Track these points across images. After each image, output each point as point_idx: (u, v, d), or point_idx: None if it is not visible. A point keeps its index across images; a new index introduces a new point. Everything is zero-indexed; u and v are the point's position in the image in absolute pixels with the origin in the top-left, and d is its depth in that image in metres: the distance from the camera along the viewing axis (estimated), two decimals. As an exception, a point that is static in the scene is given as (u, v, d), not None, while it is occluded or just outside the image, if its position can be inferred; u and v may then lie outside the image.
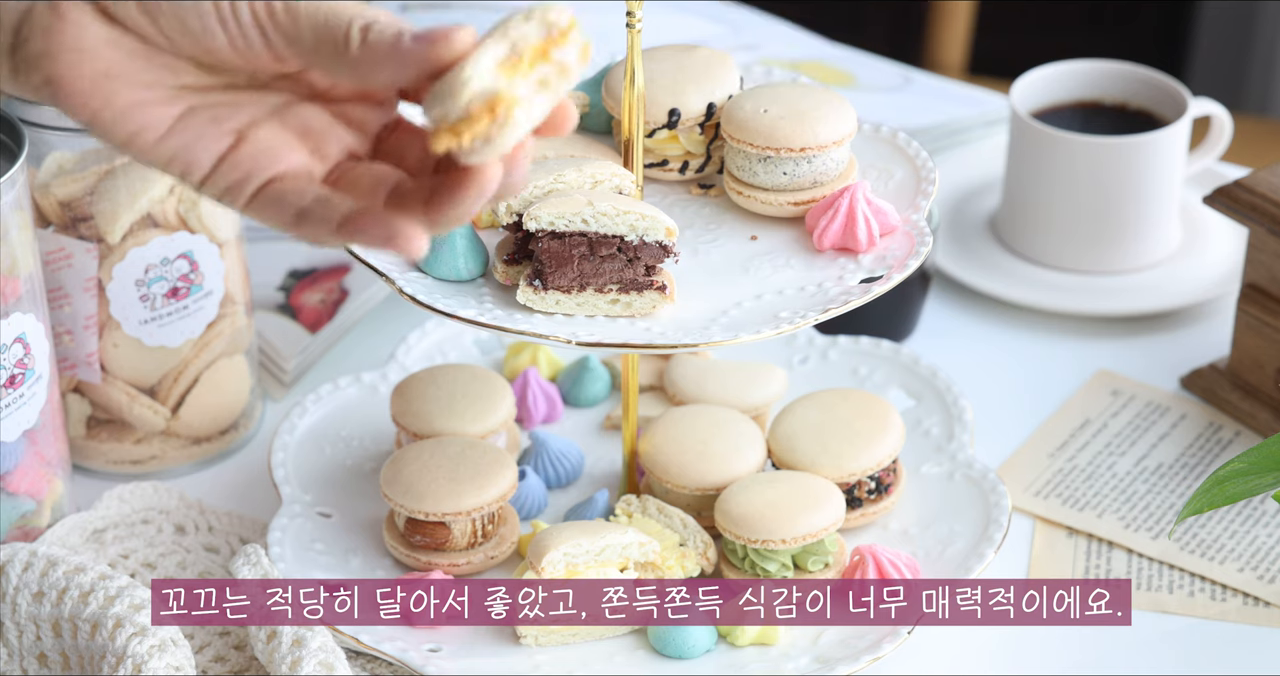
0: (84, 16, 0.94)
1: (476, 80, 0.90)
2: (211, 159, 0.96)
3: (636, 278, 1.16)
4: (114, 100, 0.94)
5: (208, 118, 0.96)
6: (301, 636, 1.18)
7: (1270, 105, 2.58)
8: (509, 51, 0.91)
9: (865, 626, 1.22)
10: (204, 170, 0.96)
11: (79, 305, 1.32)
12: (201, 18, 0.94)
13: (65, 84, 0.94)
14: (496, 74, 0.90)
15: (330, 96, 0.98)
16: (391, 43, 0.93)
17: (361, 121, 0.99)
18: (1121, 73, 1.55)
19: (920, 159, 1.25)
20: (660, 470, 1.28)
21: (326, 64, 0.94)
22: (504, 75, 0.91)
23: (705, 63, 1.24)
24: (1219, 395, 1.42)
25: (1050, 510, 1.35)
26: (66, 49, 0.94)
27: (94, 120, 0.95)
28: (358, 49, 0.93)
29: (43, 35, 0.94)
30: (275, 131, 0.97)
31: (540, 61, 0.92)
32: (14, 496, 1.28)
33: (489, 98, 0.90)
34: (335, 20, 0.93)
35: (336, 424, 1.38)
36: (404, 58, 0.92)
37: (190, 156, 0.95)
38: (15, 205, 1.21)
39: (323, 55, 0.94)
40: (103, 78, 0.94)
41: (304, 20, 0.94)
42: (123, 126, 0.95)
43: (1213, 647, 1.25)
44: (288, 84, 0.98)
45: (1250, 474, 1.17)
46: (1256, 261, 1.39)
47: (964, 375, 1.44)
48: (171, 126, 0.95)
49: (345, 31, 0.93)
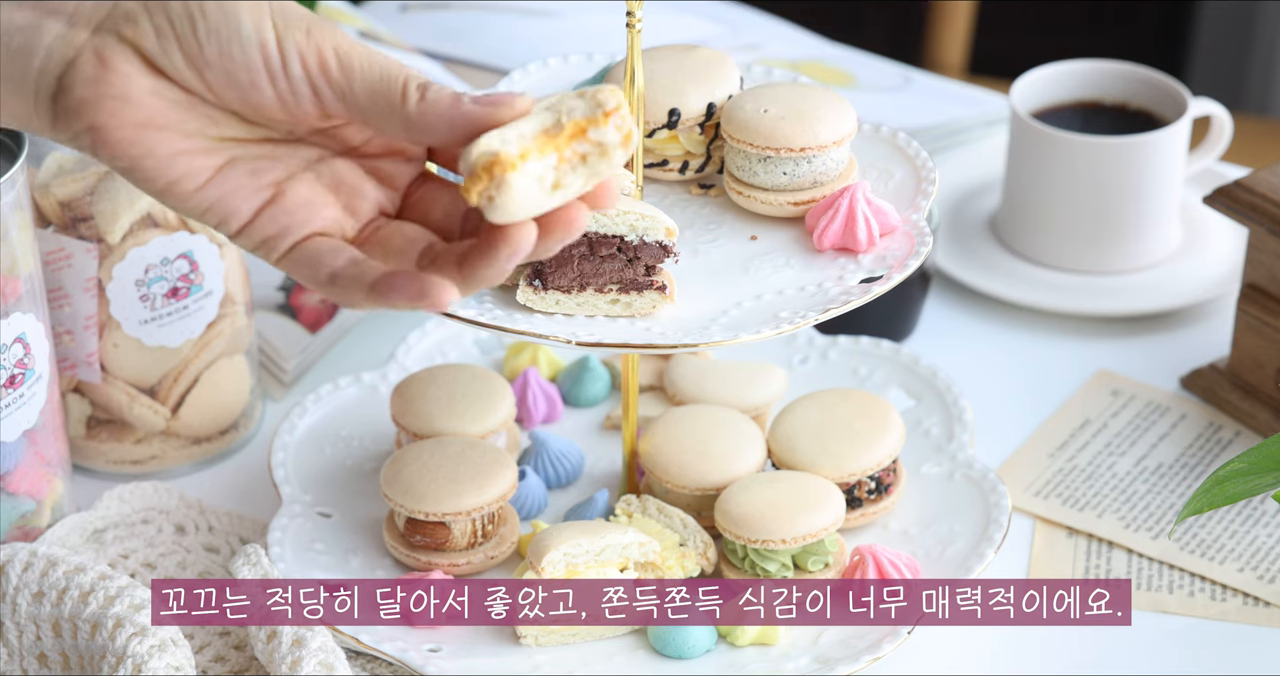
0: (130, 66, 0.95)
1: (485, 141, 0.94)
2: (250, 211, 0.97)
3: (636, 278, 1.16)
4: (156, 149, 0.95)
5: (247, 170, 0.97)
6: (301, 636, 1.18)
7: (1270, 105, 2.58)
8: (553, 122, 0.95)
9: (865, 626, 1.22)
10: (242, 221, 0.97)
11: (79, 305, 1.32)
12: (250, 72, 0.94)
13: (108, 132, 0.95)
14: (518, 141, 0.94)
15: (362, 151, 1.00)
16: (450, 103, 0.94)
17: (391, 176, 1.00)
18: (1121, 73, 1.55)
19: (920, 159, 1.25)
20: (660, 470, 1.28)
21: (378, 120, 0.95)
22: (540, 143, 0.95)
23: (705, 63, 1.24)
24: (1219, 395, 1.42)
25: (1050, 510, 1.35)
26: (111, 98, 0.94)
27: (134, 168, 0.95)
28: (415, 107, 0.94)
29: (87, 84, 0.94)
30: (311, 186, 0.98)
31: (580, 138, 0.95)
32: (14, 496, 1.28)
33: (488, 159, 0.93)
34: (390, 77, 0.95)
35: (336, 424, 1.38)
36: (463, 118, 0.94)
37: (229, 207, 0.97)
38: (15, 205, 1.21)
39: (376, 111, 0.95)
40: (145, 127, 0.95)
41: (358, 76, 0.95)
42: (163, 175, 0.96)
43: (1213, 647, 1.25)
44: (322, 138, 0.99)
45: (1250, 474, 1.17)
46: (1256, 261, 1.39)
47: (964, 375, 1.44)
48: (211, 177, 0.96)
49: (403, 89, 0.94)
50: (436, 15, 1.76)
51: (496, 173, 0.93)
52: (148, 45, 0.94)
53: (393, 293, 0.95)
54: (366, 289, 0.95)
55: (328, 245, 0.97)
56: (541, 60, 1.33)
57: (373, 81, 0.95)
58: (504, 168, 0.93)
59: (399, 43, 1.66)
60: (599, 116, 0.95)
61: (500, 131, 0.94)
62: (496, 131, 0.94)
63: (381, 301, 0.95)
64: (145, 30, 0.94)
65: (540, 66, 1.32)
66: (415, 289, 0.94)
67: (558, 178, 0.95)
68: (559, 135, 0.95)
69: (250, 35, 0.94)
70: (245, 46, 0.94)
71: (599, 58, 1.32)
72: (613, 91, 0.96)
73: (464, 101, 0.95)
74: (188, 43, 0.94)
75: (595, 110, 0.96)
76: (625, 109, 0.96)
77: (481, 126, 0.95)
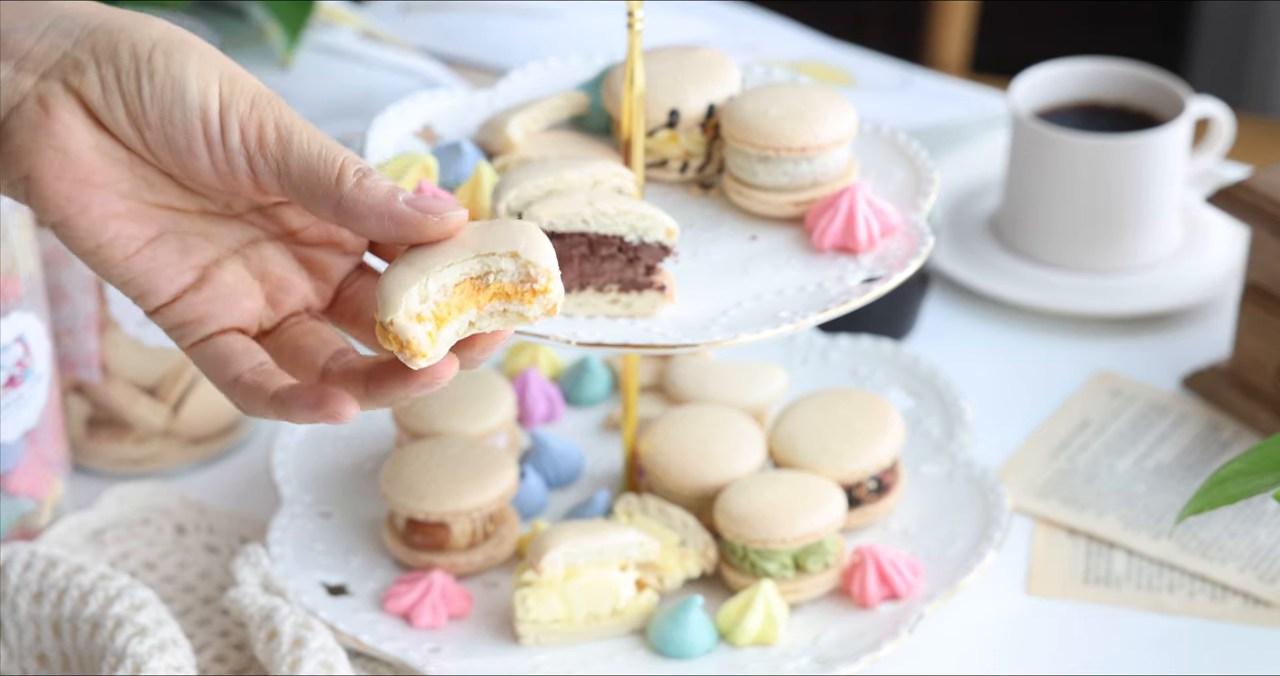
0: (73, 118, 0.92)
1: (402, 314, 0.91)
2: (172, 292, 0.94)
3: (636, 278, 1.16)
4: (90, 208, 0.92)
5: (177, 247, 0.94)
6: (301, 636, 1.18)
7: (1272, 104, 2.58)
8: (479, 273, 0.92)
9: (865, 626, 1.23)
10: (161, 300, 0.94)
11: (79, 305, 1.32)
12: (189, 138, 0.92)
13: (44, 184, 0.92)
14: (437, 296, 0.91)
15: (300, 238, 0.98)
16: (385, 196, 0.91)
17: (325, 267, 0.98)
18: (1122, 72, 1.55)
19: (920, 159, 1.25)
20: (660, 470, 1.28)
21: (309, 199, 0.92)
22: (459, 299, 0.92)
23: (705, 63, 1.24)
24: (1219, 395, 1.42)
25: (1050, 510, 1.35)
26: (52, 148, 0.92)
27: (65, 224, 0.92)
28: (349, 191, 0.91)
29: (28, 131, 0.91)
30: (238, 274, 0.96)
31: (503, 300, 0.92)
32: (14, 496, 1.28)
33: (403, 339, 0.91)
34: (329, 158, 0.92)
35: (336, 424, 1.37)
36: (393, 217, 0.91)
37: (151, 284, 0.94)
38: (15, 205, 1.21)
39: (308, 189, 0.92)
40: (83, 183, 0.92)
41: (295, 151, 0.92)
42: (93, 237, 0.93)
43: (1213, 647, 1.25)
44: (260, 218, 0.97)
45: (1250, 474, 1.17)
46: (1257, 261, 1.39)
47: (964, 375, 1.44)
48: (139, 248, 0.94)
49: (339, 170, 0.92)
50: (437, 18, 1.76)
51: (407, 352, 0.91)
52: (92, 96, 0.92)
53: (292, 402, 0.92)
54: (267, 399, 0.92)
55: (241, 346, 0.94)
56: (541, 60, 1.33)
57: (309, 159, 0.92)
58: (414, 350, 0.91)
59: (399, 43, 1.66)
60: (525, 291, 0.92)
61: (422, 281, 0.91)
62: (418, 282, 0.91)
63: (281, 412, 0.92)
64: (91, 81, 0.92)
65: (540, 67, 1.32)
66: (314, 399, 0.91)
67: (475, 322, 0.93)
68: (483, 290, 0.92)
69: (194, 101, 0.92)
70: (187, 112, 0.92)
71: (599, 58, 1.32)
72: (546, 270, 0.92)
73: (398, 199, 0.91)
74: (131, 100, 0.92)
75: (524, 283, 0.92)
76: (556, 287, 0.92)
77: (409, 231, 0.91)
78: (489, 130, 1.25)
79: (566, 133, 1.27)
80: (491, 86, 1.32)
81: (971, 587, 1.27)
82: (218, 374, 0.94)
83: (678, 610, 1.22)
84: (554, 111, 1.27)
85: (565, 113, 1.27)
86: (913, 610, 1.23)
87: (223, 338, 0.94)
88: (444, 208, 0.92)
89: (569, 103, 1.27)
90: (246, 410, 0.93)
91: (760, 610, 1.22)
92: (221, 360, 0.94)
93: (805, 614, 1.24)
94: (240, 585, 1.23)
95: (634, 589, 1.23)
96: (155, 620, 1.17)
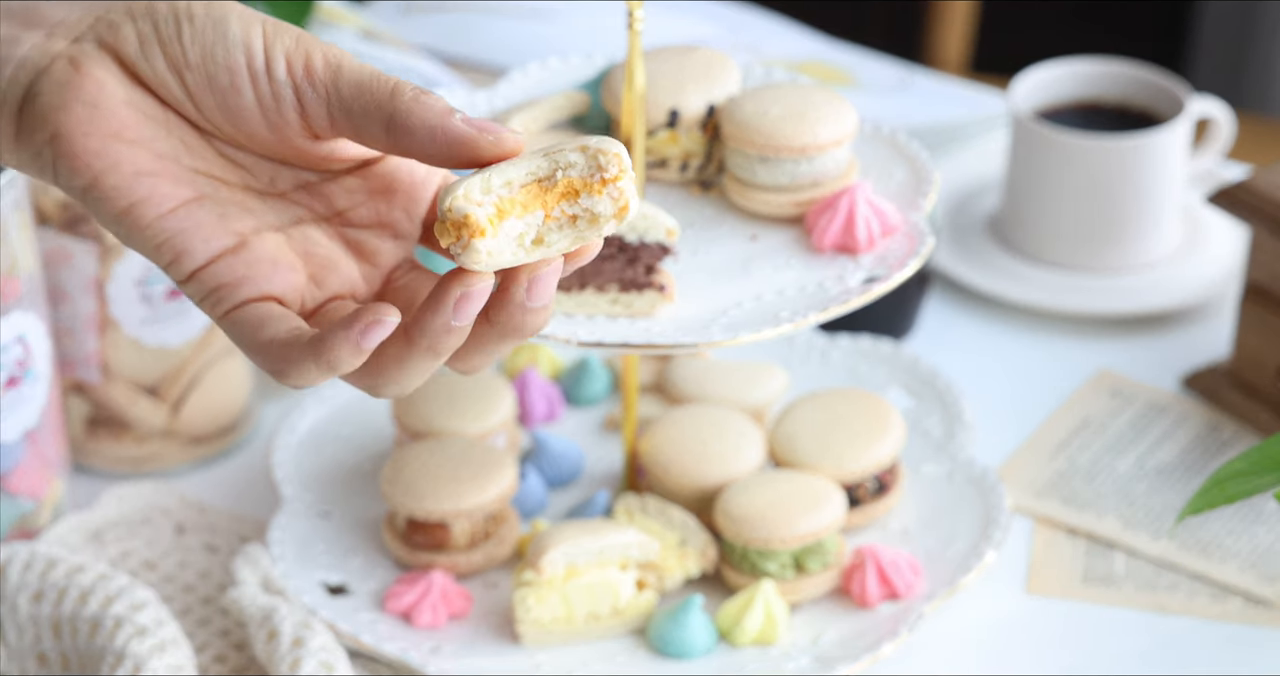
0: (106, 73, 0.88)
1: (462, 190, 0.85)
2: (208, 254, 0.88)
3: (636, 277, 1.16)
4: (121, 164, 0.87)
5: (215, 212, 0.89)
6: (301, 636, 1.18)
7: (1272, 104, 2.58)
8: (547, 172, 0.86)
9: (865, 626, 1.23)
10: (196, 263, 0.88)
11: (79, 305, 1.32)
12: (232, 74, 0.87)
13: (73, 141, 0.87)
14: (502, 192, 0.86)
15: (347, 219, 0.92)
16: (441, 112, 0.86)
17: (374, 252, 0.93)
18: (1122, 72, 1.55)
19: (920, 159, 1.25)
20: (660, 470, 1.28)
21: (360, 120, 0.87)
22: (526, 197, 0.86)
23: (705, 63, 1.24)
24: (1220, 395, 1.42)
25: (1050, 510, 1.35)
26: (81, 103, 0.87)
27: (94, 184, 0.87)
28: (406, 103, 0.86)
29: (57, 89, 0.87)
30: (280, 245, 0.90)
31: (572, 199, 0.86)
32: (14, 496, 1.28)
33: (459, 217, 0.85)
34: (382, 77, 0.87)
35: (336, 424, 1.38)
36: (447, 131, 0.86)
37: (186, 244, 0.88)
38: (15, 205, 1.21)
39: (360, 108, 0.87)
40: (114, 139, 0.87)
41: (346, 75, 0.87)
42: (125, 195, 0.87)
43: (1213, 647, 1.25)
44: (305, 197, 0.92)
45: (1250, 474, 1.17)
46: (1258, 261, 1.39)
47: (964, 375, 1.44)
48: (175, 207, 0.88)
49: (394, 87, 0.87)
50: (437, 18, 1.76)
51: (464, 234, 0.85)
52: (129, 50, 0.88)
53: (330, 336, 0.85)
54: (305, 344, 0.86)
55: (279, 312, 0.87)
56: (541, 60, 1.33)
57: (361, 78, 0.87)
58: (472, 232, 0.85)
59: (399, 43, 1.66)
60: (595, 182, 0.86)
61: (485, 175, 0.86)
62: (481, 175, 0.86)
63: (323, 353, 0.85)
64: (127, 35, 0.88)
65: (540, 67, 1.32)
66: (350, 319, 0.85)
67: (540, 234, 0.86)
68: (551, 190, 0.86)
69: (237, 37, 0.88)
70: (230, 48, 0.88)
71: (599, 58, 1.32)
72: (617, 155, 0.86)
73: (455, 116, 0.86)
74: (170, 46, 0.88)
75: (594, 174, 0.86)
76: (627, 178, 0.86)
77: (462, 150, 0.86)
78: (489, 130, 1.25)
79: (567, 133, 1.27)
80: (491, 86, 1.32)
81: (971, 587, 1.27)
82: (250, 337, 0.87)
83: (678, 610, 1.22)
84: (554, 111, 1.27)
85: (565, 113, 1.27)
86: (913, 610, 1.23)
87: (260, 303, 0.88)
88: (501, 128, 0.86)
89: (569, 103, 1.27)
90: (282, 371, 0.86)
91: (760, 610, 1.22)
92: (256, 323, 0.87)
93: (805, 614, 1.24)
94: (240, 585, 1.23)
95: (634, 589, 1.23)
96: (155, 620, 1.17)
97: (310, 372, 0.86)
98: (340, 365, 0.85)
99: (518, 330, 0.88)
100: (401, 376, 0.88)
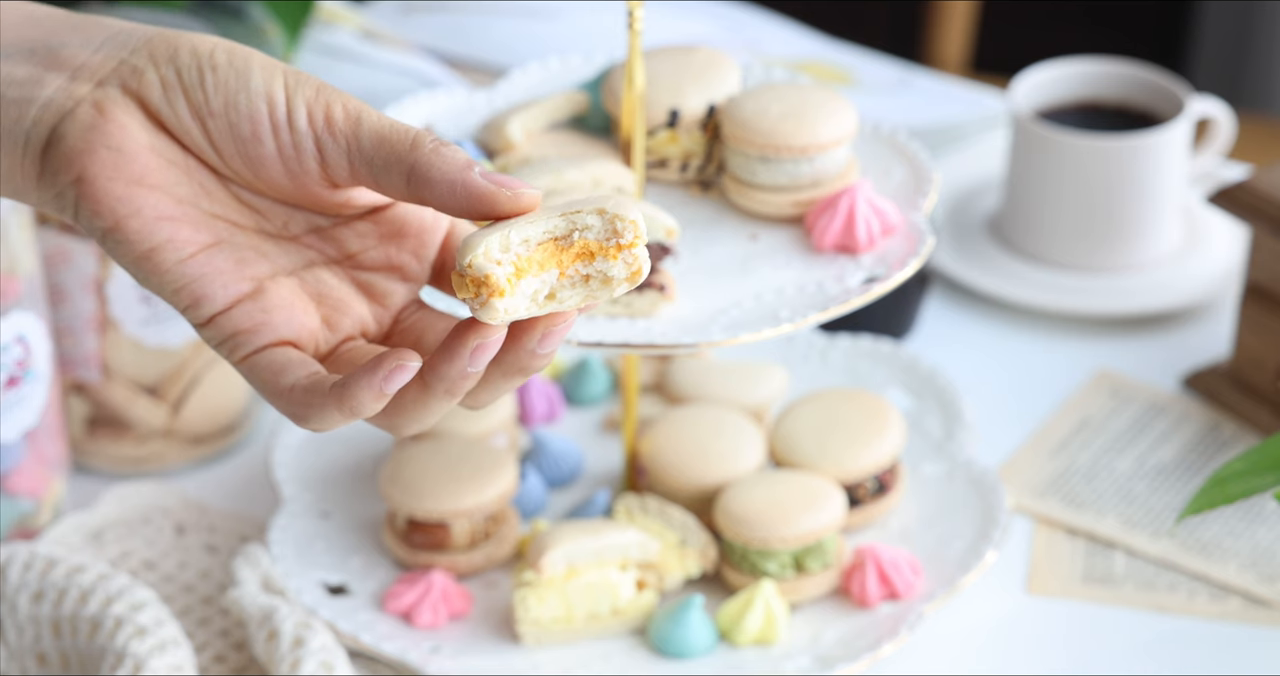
0: (130, 118, 0.89)
1: (482, 247, 0.86)
2: (226, 300, 0.90)
3: (636, 278, 1.16)
4: (144, 210, 0.89)
5: (233, 257, 0.91)
6: (301, 636, 1.18)
7: (1272, 104, 2.58)
8: (564, 232, 0.88)
9: (865, 626, 1.23)
10: (215, 309, 0.90)
11: (79, 305, 1.32)
12: (254, 123, 0.89)
13: (97, 185, 0.88)
14: (520, 250, 0.87)
15: (358, 262, 0.94)
16: (462, 164, 0.88)
17: (384, 294, 0.95)
18: (1122, 72, 1.55)
19: (920, 159, 1.25)
20: (660, 470, 1.28)
21: (380, 171, 0.89)
22: (542, 255, 0.88)
23: (705, 63, 1.24)
24: (1220, 395, 1.42)
25: (1050, 510, 1.35)
26: (106, 147, 0.88)
27: (116, 228, 0.89)
28: (426, 155, 0.88)
29: (82, 133, 0.88)
30: (294, 290, 0.92)
31: (586, 260, 0.88)
32: (14, 496, 1.28)
33: (480, 275, 0.86)
34: (402, 128, 0.89)
35: (336, 424, 1.37)
36: (466, 185, 0.88)
37: (205, 290, 0.90)
38: (15, 205, 1.21)
39: (381, 160, 0.89)
40: (137, 184, 0.89)
41: (366, 126, 0.89)
42: (146, 239, 0.89)
43: (1213, 647, 1.25)
44: (317, 241, 0.94)
45: (1250, 474, 1.17)
46: (1257, 261, 1.39)
47: (964, 375, 1.44)
48: (195, 253, 0.90)
49: (415, 137, 0.88)
50: (437, 19, 1.76)
51: (483, 292, 0.86)
52: (152, 96, 0.89)
53: (353, 382, 0.87)
54: (327, 391, 0.88)
55: (297, 357, 0.89)
56: (541, 60, 1.33)
57: (382, 130, 0.89)
58: (491, 291, 0.86)
59: (399, 42, 1.66)
60: (610, 247, 0.88)
61: (505, 232, 0.87)
62: (500, 232, 0.87)
63: (345, 398, 0.87)
64: (151, 81, 0.89)
65: (540, 67, 1.32)
66: (373, 364, 0.87)
67: (554, 290, 0.88)
68: (567, 249, 0.88)
69: (259, 87, 0.89)
70: (252, 97, 0.89)
71: (599, 58, 1.32)
72: (633, 222, 0.87)
73: (474, 169, 0.88)
74: (194, 93, 0.89)
75: (610, 239, 0.87)
76: (641, 245, 0.88)
77: (480, 203, 0.88)
78: (489, 130, 1.25)
79: (567, 132, 1.27)
80: (491, 86, 1.32)
81: (971, 587, 1.27)
82: (270, 383, 0.89)
83: (678, 610, 1.22)
84: (554, 111, 1.27)
85: (565, 112, 1.27)
86: (913, 610, 1.23)
87: (278, 348, 0.90)
88: (519, 184, 0.88)
89: (569, 103, 1.27)
90: (304, 416, 0.89)
91: (760, 610, 1.22)
92: (276, 368, 0.89)
93: (805, 614, 1.24)
94: (240, 585, 1.23)
95: (634, 588, 1.23)
96: (155, 620, 1.17)
97: (333, 418, 0.88)
98: (363, 410, 0.88)
99: (524, 371, 0.90)
100: (420, 417, 0.90)
